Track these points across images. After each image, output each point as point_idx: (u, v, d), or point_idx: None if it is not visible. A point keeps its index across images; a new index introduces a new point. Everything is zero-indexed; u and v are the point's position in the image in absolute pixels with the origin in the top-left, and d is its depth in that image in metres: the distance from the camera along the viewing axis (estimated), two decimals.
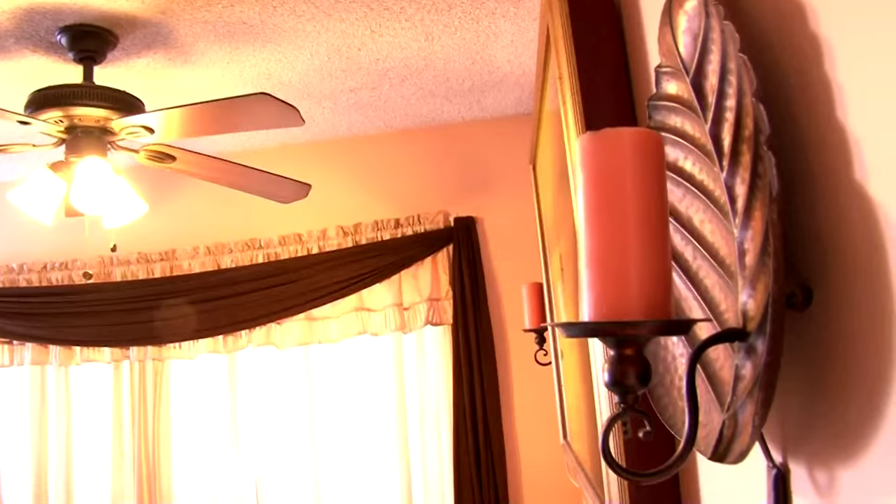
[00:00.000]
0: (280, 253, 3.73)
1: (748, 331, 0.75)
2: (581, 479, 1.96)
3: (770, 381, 0.68)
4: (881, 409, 0.59)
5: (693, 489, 1.25)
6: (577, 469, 2.08)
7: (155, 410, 3.74)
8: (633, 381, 0.76)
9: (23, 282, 3.94)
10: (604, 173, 0.75)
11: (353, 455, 3.73)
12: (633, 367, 0.76)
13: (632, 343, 0.75)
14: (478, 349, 3.48)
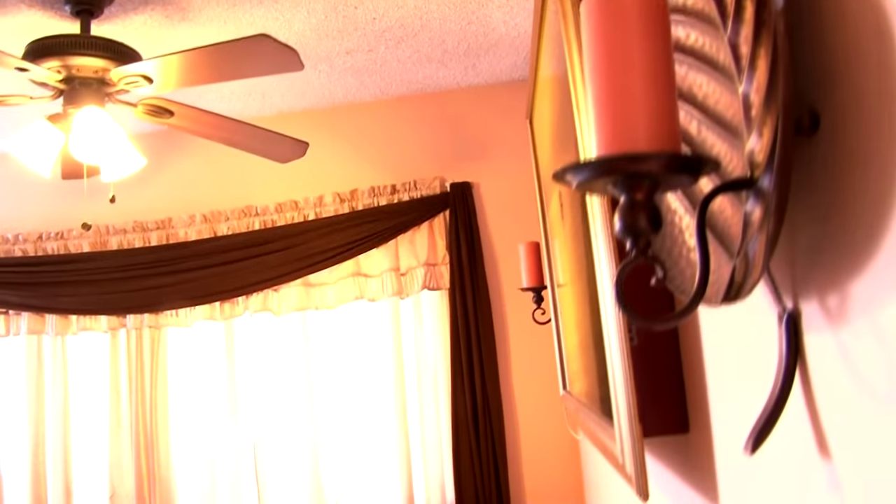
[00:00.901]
0: (276, 220, 3.73)
1: (755, 177, 0.76)
2: (583, 416, 1.97)
3: (781, 202, 0.69)
4: (887, 220, 0.61)
5: (698, 372, 1.26)
6: (579, 408, 2.09)
7: (152, 378, 3.74)
8: (644, 225, 0.77)
9: (18, 252, 3.93)
10: (609, 14, 0.76)
11: (352, 420, 3.73)
12: (644, 211, 0.77)
13: (642, 184, 0.76)
14: (475, 313, 3.49)
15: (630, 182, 0.76)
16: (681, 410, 1.33)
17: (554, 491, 3.50)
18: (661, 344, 1.35)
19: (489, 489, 3.41)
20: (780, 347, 0.80)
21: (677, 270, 0.99)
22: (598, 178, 0.76)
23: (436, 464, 3.52)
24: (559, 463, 3.50)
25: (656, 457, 1.61)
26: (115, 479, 3.73)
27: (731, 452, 1.13)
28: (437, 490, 3.50)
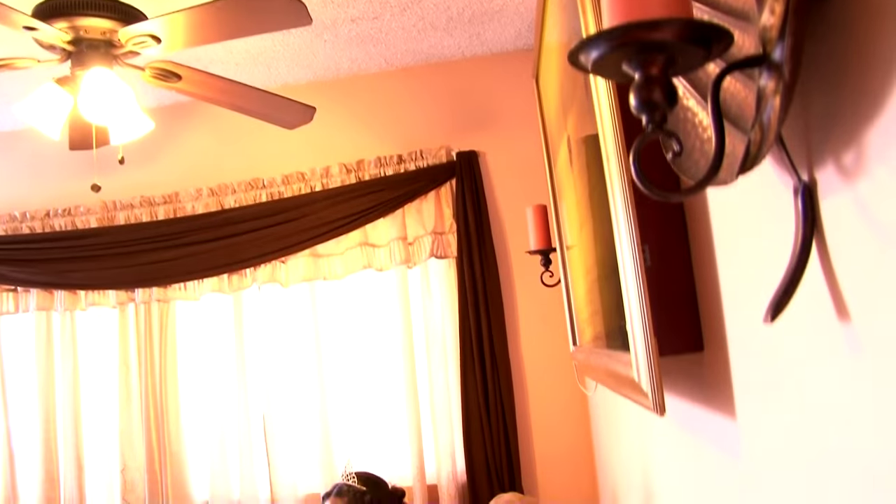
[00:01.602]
0: (283, 192, 3.73)
1: (768, 52, 0.76)
2: (594, 358, 1.97)
3: (795, 58, 0.70)
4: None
5: (711, 288, 1.27)
6: (589, 353, 2.10)
7: (161, 351, 3.75)
8: (659, 99, 0.77)
9: (26, 229, 3.94)
10: None
11: (361, 389, 3.75)
12: (659, 86, 0.77)
13: (656, 58, 0.76)
14: (483, 280, 3.49)
15: (644, 56, 0.76)
16: (695, 329, 1.34)
17: (564, 458, 3.50)
18: (674, 263, 1.36)
19: (499, 456, 3.41)
20: (795, 219, 0.80)
21: (691, 162, 0.99)
22: (612, 52, 0.76)
23: (446, 432, 3.52)
24: (569, 430, 3.51)
25: (670, 380, 1.61)
26: (125, 453, 3.74)
27: (746, 367, 1.13)
28: (448, 458, 3.50)
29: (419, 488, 3.47)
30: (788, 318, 0.89)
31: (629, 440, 2.36)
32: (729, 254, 1.17)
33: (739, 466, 1.20)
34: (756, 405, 1.11)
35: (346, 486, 2.37)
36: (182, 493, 3.70)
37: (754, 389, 1.11)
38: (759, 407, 1.09)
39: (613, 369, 1.61)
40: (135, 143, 3.66)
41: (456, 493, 3.48)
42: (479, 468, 3.43)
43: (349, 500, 2.34)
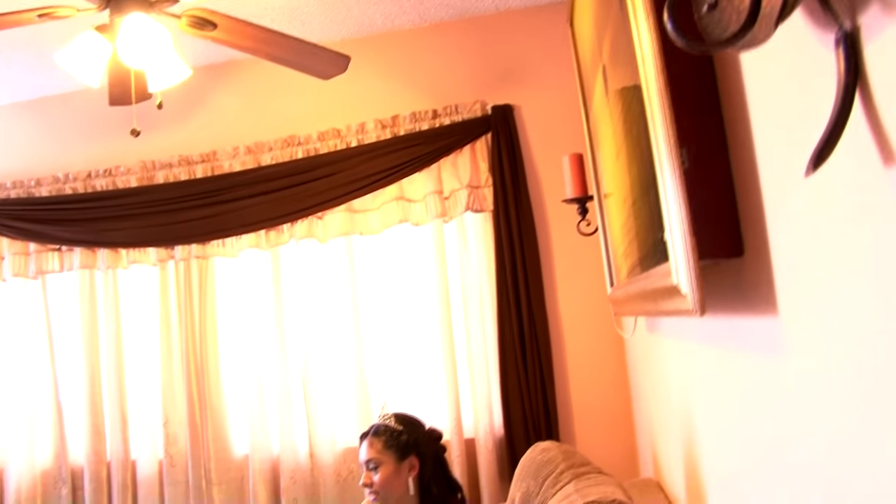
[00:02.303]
0: (319, 148, 3.74)
1: None
2: (631, 287, 1.96)
3: None
4: None
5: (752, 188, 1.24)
6: (627, 286, 2.09)
7: (201, 308, 3.80)
8: None
9: (68, 190, 4.01)
10: None
11: (398, 343, 3.77)
12: None
13: None
14: (519, 233, 3.48)
15: None
16: (734, 232, 1.31)
17: (602, 408, 3.49)
18: (713, 166, 1.33)
19: (537, 409, 3.41)
20: (837, 71, 0.78)
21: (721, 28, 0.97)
22: None
23: (483, 386, 3.53)
24: (606, 381, 3.49)
25: (709, 292, 1.58)
26: (167, 407, 3.81)
27: (789, 264, 1.11)
28: (485, 412, 3.51)
29: (457, 442, 3.48)
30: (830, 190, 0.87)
31: (667, 376, 2.35)
32: (770, 152, 1.15)
33: (782, 365, 1.18)
34: (799, 300, 1.09)
35: (383, 426, 2.38)
36: (222, 447, 3.76)
37: (797, 284, 1.09)
38: (803, 301, 1.07)
39: (650, 288, 1.60)
40: (172, 103, 3.72)
41: (493, 446, 3.49)
42: (516, 421, 3.43)
43: (386, 439, 2.35)
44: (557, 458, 2.56)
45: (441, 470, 2.40)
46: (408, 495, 2.34)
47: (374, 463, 2.32)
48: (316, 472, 3.65)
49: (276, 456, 3.72)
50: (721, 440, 1.69)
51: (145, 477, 3.83)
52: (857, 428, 0.91)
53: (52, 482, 3.94)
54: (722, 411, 1.65)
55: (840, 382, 0.95)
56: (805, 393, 1.09)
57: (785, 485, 1.23)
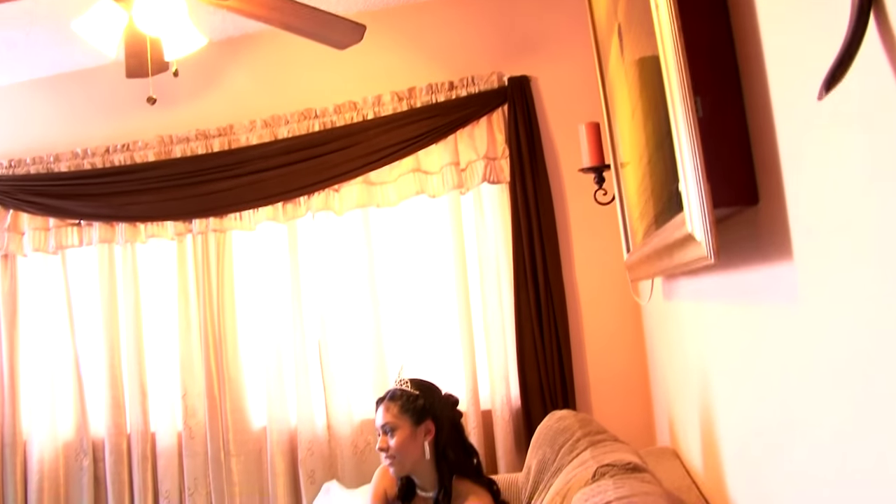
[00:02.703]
0: (336, 121, 3.74)
1: None
2: (646, 248, 1.95)
3: None
4: None
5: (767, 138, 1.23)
6: (642, 248, 2.07)
7: (219, 281, 3.82)
8: None
9: (87, 165, 4.04)
10: None
11: (415, 315, 3.77)
12: None
13: None
14: (536, 205, 3.46)
15: None
16: (749, 180, 1.30)
17: (618, 380, 3.48)
18: (728, 114, 1.32)
19: (553, 380, 3.41)
20: None
21: None
22: None
23: (500, 358, 3.53)
24: (623, 352, 3.49)
25: (724, 244, 1.57)
26: (186, 379, 3.84)
27: (805, 210, 1.10)
28: (502, 383, 3.51)
29: (473, 413, 3.49)
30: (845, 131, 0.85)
31: (683, 341, 2.33)
32: (785, 100, 1.13)
33: (798, 313, 1.17)
34: (814, 246, 1.08)
35: (399, 391, 2.38)
36: (240, 418, 3.79)
37: (812, 230, 1.07)
38: (818, 247, 1.06)
39: (665, 243, 1.59)
40: (189, 78, 3.74)
41: (510, 417, 3.50)
42: (533, 392, 3.44)
43: (402, 404, 2.35)
44: (574, 426, 2.57)
45: (457, 435, 2.40)
46: (424, 460, 2.34)
47: (390, 427, 2.33)
48: (333, 443, 3.67)
49: (294, 428, 3.74)
50: (737, 402, 1.68)
51: (164, 448, 3.87)
52: (874, 376, 0.90)
53: (74, 454, 3.99)
54: (738, 372, 1.64)
55: (857, 328, 0.94)
56: (821, 341, 1.08)
57: (802, 441, 1.22)
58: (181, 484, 3.86)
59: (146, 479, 3.86)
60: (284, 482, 3.71)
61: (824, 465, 1.11)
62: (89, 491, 3.94)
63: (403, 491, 2.43)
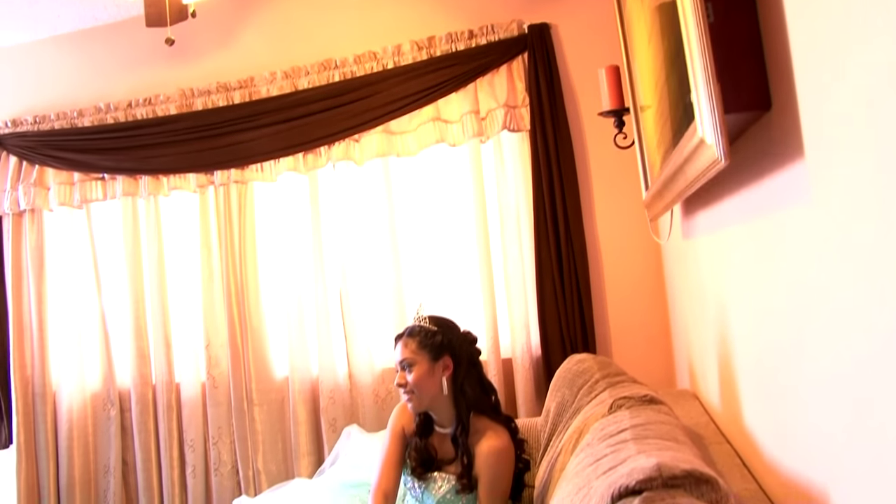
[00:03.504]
0: (356, 71, 3.73)
1: None
2: (663, 176, 1.93)
3: None
4: None
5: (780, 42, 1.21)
6: (658, 179, 2.06)
7: (240, 232, 3.85)
8: None
9: (110, 119, 4.07)
10: None
11: (436, 264, 3.77)
12: None
13: None
14: (556, 152, 3.44)
15: None
16: (761, 84, 1.28)
17: (639, 326, 3.47)
18: (739, 19, 1.29)
19: (574, 327, 3.40)
20: None
21: None
22: None
23: (520, 306, 3.53)
24: (644, 298, 3.47)
25: (737, 157, 1.55)
26: (209, 330, 3.89)
27: (815, 117, 1.08)
28: (522, 331, 3.51)
29: (494, 362, 3.50)
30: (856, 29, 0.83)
31: (702, 279, 2.32)
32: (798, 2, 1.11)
33: (811, 213, 1.16)
34: (826, 146, 1.06)
35: (417, 327, 2.39)
36: (263, 368, 3.83)
37: (824, 133, 1.06)
38: (830, 147, 1.04)
39: (679, 160, 1.58)
40: (209, 31, 3.75)
41: (530, 365, 3.50)
42: (553, 340, 3.43)
43: (420, 339, 2.35)
44: (593, 367, 2.56)
45: (475, 371, 2.40)
46: (441, 395, 2.35)
47: (409, 362, 2.33)
48: (354, 392, 3.70)
49: (316, 377, 3.78)
50: (754, 326, 1.66)
51: (189, 398, 3.92)
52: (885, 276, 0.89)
53: (102, 404, 4.06)
54: (754, 294, 1.62)
55: (867, 227, 0.93)
56: (834, 241, 1.06)
57: (815, 361, 1.21)
58: (205, 433, 3.91)
59: (171, 429, 3.93)
60: (306, 430, 3.75)
61: (840, 375, 1.10)
62: (116, 440, 4.01)
63: (421, 427, 2.45)
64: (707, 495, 1.24)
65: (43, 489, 4.08)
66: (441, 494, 2.33)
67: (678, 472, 1.24)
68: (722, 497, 1.24)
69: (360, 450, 2.96)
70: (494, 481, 2.27)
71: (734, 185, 1.64)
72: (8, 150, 4.21)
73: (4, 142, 4.21)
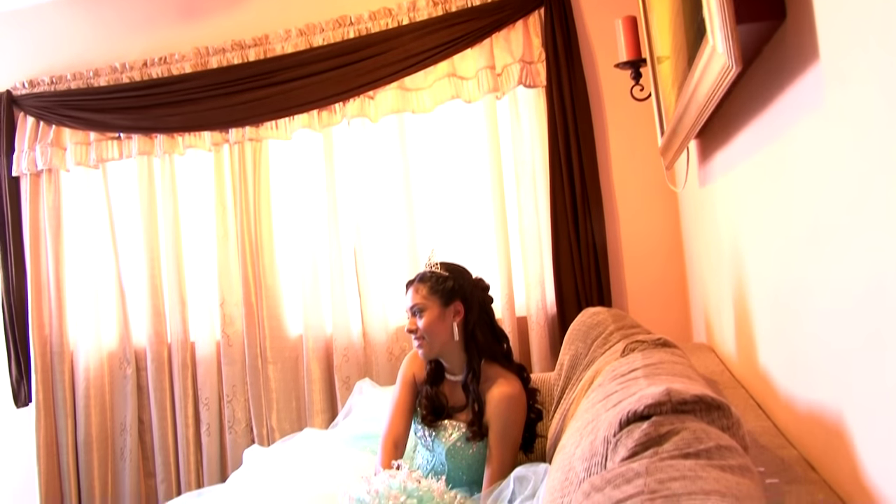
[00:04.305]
0: (371, 28, 3.69)
1: None
2: (677, 113, 1.88)
3: None
4: None
5: None
6: (672, 120, 2.01)
7: (255, 190, 3.83)
8: None
9: (126, 79, 4.06)
10: None
11: (451, 221, 3.74)
12: None
13: None
14: (573, 108, 3.39)
15: None
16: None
17: (656, 282, 3.43)
18: None
19: (589, 284, 3.37)
20: None
21: None
22: None
23: (535, 263, 3.49)
24: (661, 254, 3.42)
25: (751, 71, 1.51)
26: (224, 288, 3.88)
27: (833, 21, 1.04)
28: (537, 288, 3.48)
29: (508, 320, 3.47)
30: None
31: (718, 226, 2.27)
32: None
33: (825, 122, 1.12)
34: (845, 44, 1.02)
35: (428, 273, 2.36)
36: (277, 326, 3.83)
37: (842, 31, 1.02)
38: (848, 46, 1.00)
39: (692, 84, 1.53)
40: None
41: (545, 323, 3.47)
42: (568, 297, 3.40)
43: (431, 285, 2.33)
44: (607, 320, 2.53)
45: (487, 318, 2.38)
46: (452, 341, 2.33)
47: (419, 308, 2.31)
48: (368, 350, 3.69)
49: (330, 335, 3.77)
50: (768, 260, 1.62)
51: (204, 357, 3.93)
52: None
53: (118, 363, 4.08)
54: (769, 234, 1.58)
55: (884, 131, 0.89)
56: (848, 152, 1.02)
57: (830, 285, 1.18)
58: (220, 391, 3.93)
59: (186, 387, 3.94)
60: (320, 388, 3.75)
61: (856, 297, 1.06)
62: (133, 398, 4.03)
63: (432, 375, 2.43)
64: (718, 422, 1.21)
65: (61, 447, 4.12)
66: (451, 442, 2.32)
67: (688, 398, 1.21)
68: (733, 423, 1.21)
69: (372, 403, 2.95)
70: (505, 428, 2.25)
71: (749, 114, 1.60)
72: (25, 110, 4.22)
73: (21, 102, 4.21)
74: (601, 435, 1.30)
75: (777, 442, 1.53)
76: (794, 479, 1.31)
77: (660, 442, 1.17)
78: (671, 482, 1.06)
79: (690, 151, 2.47)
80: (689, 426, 1.18)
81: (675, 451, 1.13)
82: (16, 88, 4.25)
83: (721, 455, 1.13)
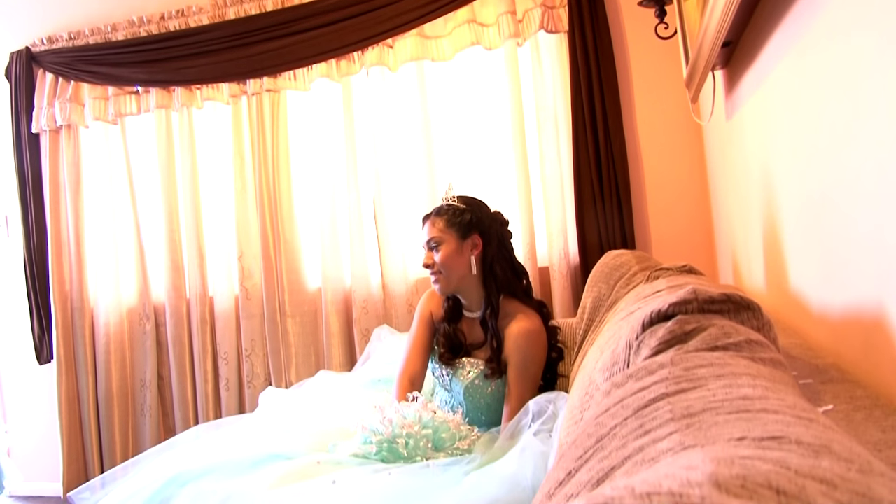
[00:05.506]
0: None
1: None
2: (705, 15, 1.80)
3: None
4: None
5: None
6: (699, 33, 1.92)
7: (273, 142, 3.78)
8: None
9: (143, 32, 4.02)
10: None
11: (472, 171, 3.67)
12: None
13: None
14: (596, 53, 3.30)
15: None
16: None
17: (681, 229, 3.34)
18: None
19: (613, 234, 3.29)
20: None
21: None
22: None
23: (558, 212, 3.41)
24: (687, 202, 3.33)
25: None
26: (242, 242, 3.85)
27: None
28: (560, 238, 3.40)
29: (531, 270, 3.40)
30: None
31: (746, 154, 2.18)
32: None
33: None
34: None
35: (445, 206, 2.29)
36: (296, 279, 3.79)
37: None
38: None
39: None
40: None
41: (568, 272, 3.40)
42: (591, 246, 3.32)
43: (448, 218, 2.26)
44: (631, 261, 2.46)
45: (505, 252, 2.31)
46: (470, 275, 2.26)
47: (436, 241, 2.25)
48: (388, 302, 3.64)
49: (349, 287, 3.72)
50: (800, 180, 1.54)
51: (222, 311, 3.90)
52: None
53: (137, 319, 4.07)
54: (800, 148, 1.50)
55: None
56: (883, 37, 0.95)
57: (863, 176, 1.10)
58: (239, 345, 3.90)
59: (205, 342, 3.92)
60: (339, 342, 3.71)
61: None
62: (152, 353, 4.02)
63: (450, 313, 2.37)
64: (748, 322, 1.13)
65: (83, 402, 4.12)
66: (469, 380, 2.26)
67: (716, 296, 1.13)
68: (764, 324, 1.14)
69: (390, 349, 2.90)
70: (524, 365, 2.18)
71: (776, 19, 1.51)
72: (44, 67, 4.19)
73: (40, 59, 4.19)
74: (623, 342, 1.24)
75: (810, 354, 1.45)
76: (829, 380, 1.24)
77: (685, 339, 1.10)
78: (697, 369, 0.99)
79: (717, 82, 2.38)
80: (716, 323, 1.11)
81: (701, 346, 1.07)
82: (35, 45, 4.23)
83: (751, 349, 1.06)
